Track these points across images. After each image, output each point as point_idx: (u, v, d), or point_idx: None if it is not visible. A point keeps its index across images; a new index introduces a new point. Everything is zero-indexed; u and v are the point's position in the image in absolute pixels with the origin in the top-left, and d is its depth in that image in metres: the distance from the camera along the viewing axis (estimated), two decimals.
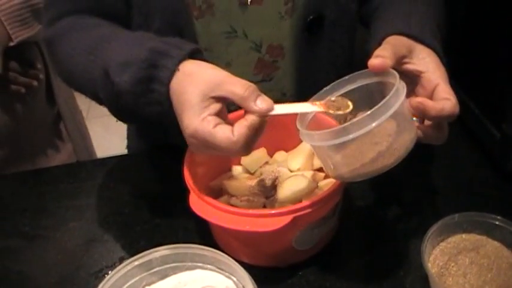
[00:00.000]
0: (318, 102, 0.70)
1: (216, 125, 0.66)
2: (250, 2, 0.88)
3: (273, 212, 0.72)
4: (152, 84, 0.72)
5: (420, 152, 0.95)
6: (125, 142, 1.22)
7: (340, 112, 0.69)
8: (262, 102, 0.67)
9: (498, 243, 0.76)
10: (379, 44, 0.74)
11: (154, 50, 0.72)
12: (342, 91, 0.72)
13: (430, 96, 0.71)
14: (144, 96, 0.73)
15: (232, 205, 0.81)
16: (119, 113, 0.81)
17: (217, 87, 0.67)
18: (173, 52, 0.72)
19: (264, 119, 0.67)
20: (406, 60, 0.73)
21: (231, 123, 0.67)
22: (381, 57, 0.69)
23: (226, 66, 0.93)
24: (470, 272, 0.73)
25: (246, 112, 0.67)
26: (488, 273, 0.72)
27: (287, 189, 0.80)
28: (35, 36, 1.17)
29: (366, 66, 0.71)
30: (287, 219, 0.70)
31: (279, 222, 0.70)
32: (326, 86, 0.78)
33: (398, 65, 0.72)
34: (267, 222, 0.70)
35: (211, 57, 0.92)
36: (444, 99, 0.69)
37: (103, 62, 0.77)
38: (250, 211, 0.74)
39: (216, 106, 0.67)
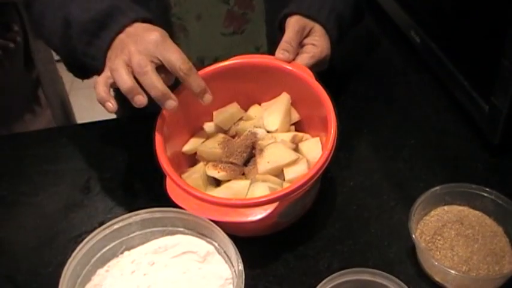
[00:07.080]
0: None
1: None
2: None
3: (257, 201, 0.69)
4: (100, 31, 0.77)
5: (408, 124, 0.95)
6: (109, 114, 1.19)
7: None
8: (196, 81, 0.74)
9: (480, 213, 0.76)
10: (280, 23, 0.86)
11: (114, 5, 0.77)
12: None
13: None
14: (89, 43, 0.78)
15: (209, 176, 0.78)
16: (66, 58, 0.91)
17: (156, 49, 0.72)
18: (129, 13, 0.77)
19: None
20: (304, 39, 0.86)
21: None
22: (286, 52, 0.82)
23: (197, 19, 0.93)
24: (457, 244, 0.73)
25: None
26: (474, 244, 0.72)
27: (267, 161, 0.77)
28: None
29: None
30: (272, 207, 0.68)
31: (263, 210, 0.68)
32: None
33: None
34: (251, 211, 0.68)
35: (181, 11, 0.93)
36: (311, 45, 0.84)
37: (65, 12, 0.82)
38: (233, 201, 0.71)
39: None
